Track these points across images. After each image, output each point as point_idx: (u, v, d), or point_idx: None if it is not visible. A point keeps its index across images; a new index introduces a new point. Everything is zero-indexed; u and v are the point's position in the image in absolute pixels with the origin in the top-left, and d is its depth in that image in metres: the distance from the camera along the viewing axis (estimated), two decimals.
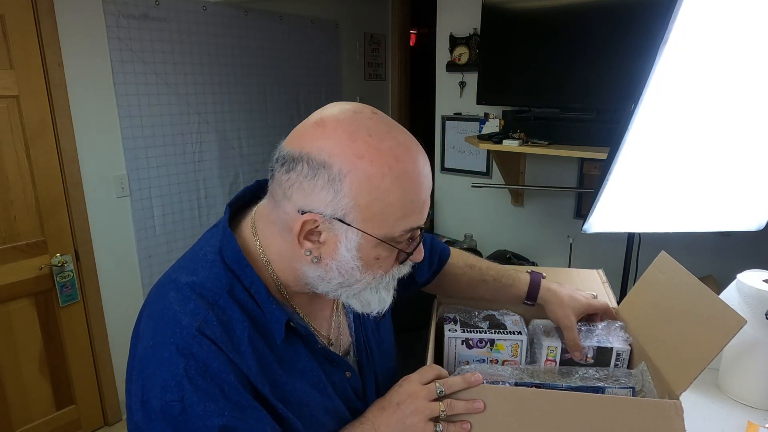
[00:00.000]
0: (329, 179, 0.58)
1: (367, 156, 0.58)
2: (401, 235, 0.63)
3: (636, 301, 0.96)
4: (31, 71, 1.98)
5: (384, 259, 0.65)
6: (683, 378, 0.73)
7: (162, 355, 0.59)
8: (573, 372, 0.86)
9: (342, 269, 0.63)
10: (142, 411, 0.59)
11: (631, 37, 1.82)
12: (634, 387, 0.80)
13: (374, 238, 0.61)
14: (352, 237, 0.61)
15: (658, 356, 0.82)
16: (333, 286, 0.66)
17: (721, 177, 1.17)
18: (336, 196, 0.59)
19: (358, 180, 0.58)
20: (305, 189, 0.60)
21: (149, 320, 0.65)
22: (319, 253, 0.63)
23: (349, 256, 0.62)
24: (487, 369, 0.86)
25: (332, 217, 0.60)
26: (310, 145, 0.60)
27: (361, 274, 0.64)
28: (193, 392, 0.57)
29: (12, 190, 1.98)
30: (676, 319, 0.83)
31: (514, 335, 0.95)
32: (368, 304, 0.69)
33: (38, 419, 2.18)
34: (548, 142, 2.09)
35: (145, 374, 0.60)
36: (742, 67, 0.94)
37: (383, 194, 0.59)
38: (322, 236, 0.62)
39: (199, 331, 0.60)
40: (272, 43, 2.87)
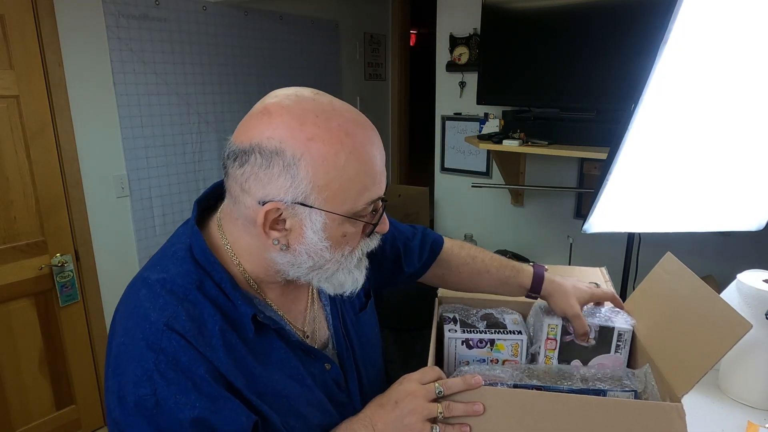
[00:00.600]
0: (284, 165, 0.59)
1: (318, 136, 0.59)
2: (364, 208, 0.64)
3: (640, 302, 0.96)
4: (31, 71, 1.98)
5: (351, 235, 0.65)
6: (686, 381, 0.73)
7: (133, 351, 0.60)
8: (574, 373, 0.85)
9: (311, 252, 0.64)
10: (119, 407, 0.59)
11: (631, 37, 1.82)
12: (637, 390, 0.80)
13: (339, 215, 0.62)
14: (317, 218, 0.62)
15: (660, 358, 0.81)
16: (304, 270, 0.66)
17: (721, 177, 1.17)
18: (294, 181, 0.59)
19: (313, 161, 0.59)
20: (262, 179, 0.60)
21: (122, 318, 0.65)
22: (287, 241, 0.64)
23: (317, 238, 0.63)
24: (487, 370, 0.86)
25: (293, 202, 0.60)
26: (260, 135, 0.60)
27: (331, 254, 0.65)
28: (164, 386, 0.58)
29: (12, 190, 1.98)
30: (680, 321, 0.82)
31: (514, 335, 0.95)
32: (341, 286, 0.69)
33: (38, 419, 2.18)
34: (548, 142, 2.09)
35: (119, 370, 0.60)
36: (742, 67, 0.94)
37: (340, 171, 0.60)
38: (287, 223, 0.62)
39: (167, 326, 0.60)
40: (272, 43, 2.87)
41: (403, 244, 0.96)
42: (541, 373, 0.86)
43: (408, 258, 0.97)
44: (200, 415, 0.59)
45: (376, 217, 0.67)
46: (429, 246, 1.00)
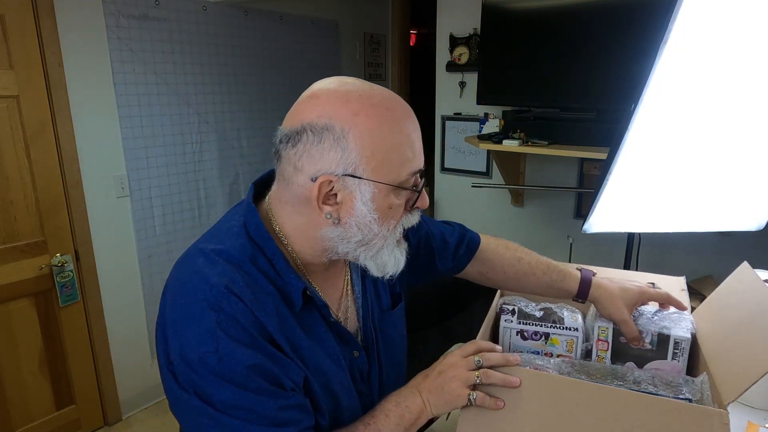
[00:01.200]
0: (334, 139, 0.65)
1: (362, 111, 0.65)
2: (407, 179, 0.69)
3: (710, 309, 0.94)
4: (31, 71, 1.98)
5: (396, 207, 0.70)
6: (733, 389, 0.70)
7: (194, 312, 0.64)
8: (627, 375, 0.83)
9: (360, 224, 0.69)
10: (183, 364, 0.63)
11: (630, 37, 1.82)
12: (692, 398, 0.77)
13: (385, 185, 0.67)
14: (365, 189, 0.67)
15: (716, 366, 0.79)
16: (353, 246, 0.71)
17: (721, 177, 1.17)
18: (344, 153, 0.65)
19: (360, 134, 0.65)
20: (314, 155, 0.66)
21: (177, 284, 0.69)
22: (338, 214, 0.68)
23: (366, 209, 0.68)
24: (534, 359, 0.87)
25: (344, 174, 0.66)
26: (309, 115, 0.66)
27: (378, 227, 0.69)
28: (227, 341, 0.63)
29: (12, 190, 1.98)
30: (744, 332, 0.80)
31: (570, 331, 0.94)
32: (384, 266, 0.73)
33: (38, 419, 2.18)
34: (548, 142, 2.09)
35: (180, 331, 0.64)
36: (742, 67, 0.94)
37: (384, 141, 0.66)
38: (338, 197, 0.67)
39: (227, 288, 0.65)
40: (272, 43, 2.87)
41: (440, 240, 0.99)
42: (592, 370, 0.85)
43: (443, 255, 0.99)
44: (262, 364, 0.64)
45: (418, 192, 0.72)
46: (466, 244, 1.02)
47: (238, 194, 2.83)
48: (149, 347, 2.55)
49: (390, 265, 0.74)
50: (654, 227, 1.37)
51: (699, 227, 1.33)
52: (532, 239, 2.62)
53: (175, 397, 0.65)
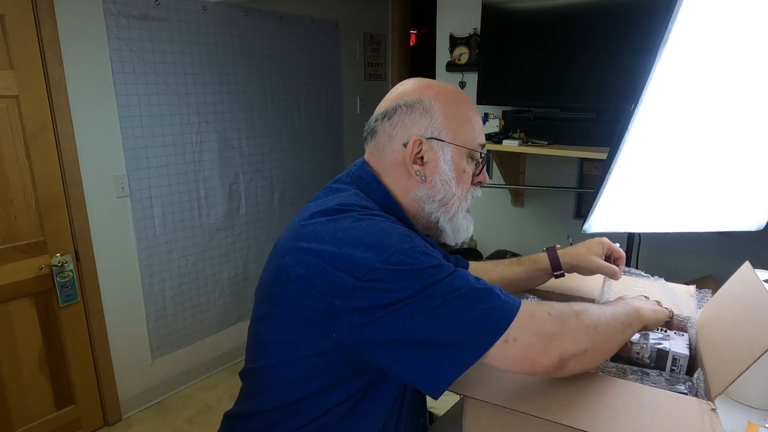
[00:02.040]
0: (423, 109, 0.82)
1: (441, 93, 0.84)
2: (476, 148, 0.85)
3: (712, 309, 0.96)
4: (31, 71, 1.98)
5: (467, 173, 0.85)
6: (720, 383, 0.72)
7: (382, 226, 0.73)
8: (627, 372, 0.85)
9: (443, 181, 0.83)
10: (384, 264, 0.66)
11: (631, 37, 1.82)
12: (688, 393, 0.79)
13: (463, 147, 0.83)
14: (447, 150, 0.83)
15: (709, 362, 0.81)
16: (436, 205, 0.84)
17: (721, 177, 1.17)
18: (431, 120, 0.82)
19: (443, 106, 0.82)
20: (406, 124, 0.82)
21: (338, 232, 0.73)
22: (425, 172, 0.82)
23: (447, 167, 0.83)
24: None
25: (430, 137, 0.82)
26: (401, 96, 0.84)
27: (456, 187, 0.84)
28: (421, 243, 0.71)
29: (12, 190, 1.98)
30: (737, 330, 0.82)
31: None
32: (458, 230, 0.87)
33: (38, 419, 2.18)
34: (548, 142, 2.09)
35: (379, 241, 0.70)
36: (743, 67, 0.94)
37: (461, 113, 0.84)
38: (425, 158, 0.82)
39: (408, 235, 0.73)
40: (272, 43, 2.87)
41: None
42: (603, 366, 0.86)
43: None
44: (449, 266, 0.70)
45: (480, 165, 0.87)
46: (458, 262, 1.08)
47: (238, 194, 2.83)
48: (149, 347, 2.55)
49: (463, 230, 0.87)
50: (654, 227, 1.37)
51: (699, 227, 1.33)
52: (532, 239, 2.62)
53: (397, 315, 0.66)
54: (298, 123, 3.09)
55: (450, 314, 0.66)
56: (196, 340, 2.76)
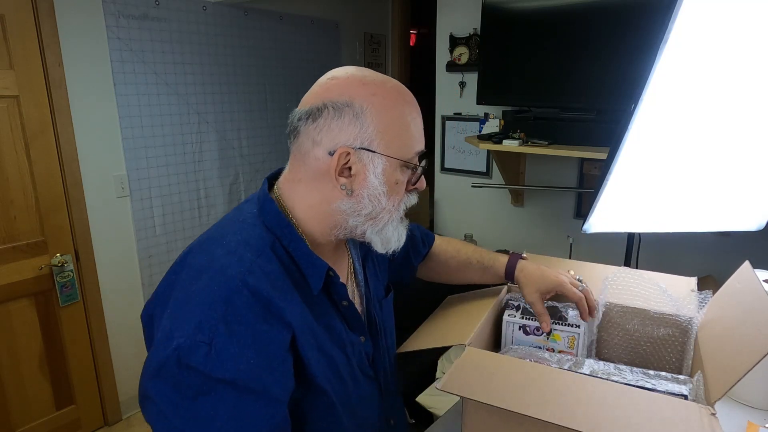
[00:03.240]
0: (354, 115, 0.70)
1: (379, 93, 0.72)
2: (413, 157, 0.75)
3: (712, 310, 0.95)
4: (31, 71, 1.98)
5: (400, 184, 0.76)
6: (720, 387, 0.72)
7: (204, 300, 0.63)
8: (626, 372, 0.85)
9: (371, 196, 0.73)
10: (164, 345, 0.61)
11: (631, 37, 1.82)
12: (687, 396, 0.78)
13: (395, 159, 0.73)
14: (378, 162, 0.72)
15: (709, 364, 0.80)
16: (362, 219, 0.75)
17: (721, 177, 1.17)
18: (361, 128, 0.71)
19: (377, 111, 0.71)
20: (333, 129, 0.71)
21: (191, 271, 0.68)
22: (352, 186, 0.73)
23: (377, 181, 0.73)
24: (536, 352, 0.89)
25: (360, 147, 0.71)
26: (330, 94, 0.72)
27: (386, 201, 0.74)
28: (226, 337, 0.61)
29: (12, 190, 1.98)
30: (737, 330, 0.81)
31: (572, 327, 0.97)
32: (388, 241, 0.78)
33: (38, 419, 2.18)
34: (548, 142, 2.09)
35: (181, 314, 0.63)
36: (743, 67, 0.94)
37: (396, 120, 0.73)
38: (353, 169, 0.72)
39: (243, 282, 0.65)
40: (272, 43, 2.87)
41: (409, 237, 1.00)
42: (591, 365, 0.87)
43: (415, 250, 1.06)
44: (251, 369, 0.62)
45: (417, 173, 0.78)
46: (425, 240, 1.10)
47: (238, 194, 2.83)
48: None
49: (393, 241, 0.78)
50: (654, 227, 1.37)
51: (699, 227, 1.33)
52: (532, 239, 2.62)
53: (144, 385, 0.63)
54: None
55: None
56: None
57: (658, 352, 0.99)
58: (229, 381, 0.61)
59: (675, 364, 0.98)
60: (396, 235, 0.78)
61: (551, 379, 0.74)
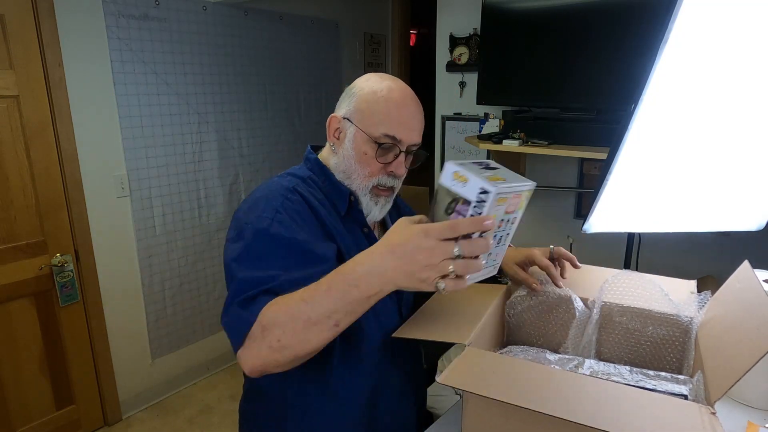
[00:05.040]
0: (349, 94, 0.98)
1: (373, 83, 0.96)
2: (380, 137, 0.93)
3: (711, 310, 0.95)
4: (31, 71, 1.98)
5: (369, 157, 0.94)
6: (720, 387, 0.71)
7: (268, 195, 0.91)
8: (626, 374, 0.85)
9: (345, 156, 0.97)
10: (245, 218, 0.88)
11: (630, 37, 1.82)
12: (687, 396, 0.78)
13: (363, 133, 0.94)
14: (351, 131, 0.96)
15: (708, 365, 0.80)
16: (342, 175, 0.98)
17: (721, 177, 1.17)
18: (349, 104, 0.97)
19: (363, 94, 0.96)
20: (340, 103, 1.00)
21: (257, 191, 0.94)
22: (337, 145, 0.99)
23: (349, 146, 0.96)
24: (537, 354, 0.89)
25: (343, 117, 0.97)
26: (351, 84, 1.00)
27: (355, 165, 0.96)
28: (283, 217, 0.87)
29: (12, 190, 1.98)
30: (736, 330, 0.81)
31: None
32: (367, 209, 0.99)
33: (38, 419, 2.18)
34: (548, 142, 2.08)
35: (253, 208, 0.89)
36: (743, 67, 0.94)
37: (374, 105, 0.94)
38: (340, 134, 0.98)
39: (294, 188, 0.93)
40: (272, 43, 2.87)
41: None
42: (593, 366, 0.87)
43: None
44: (302, 242, 0.85)
45: (391, 157, 0.95)
46: None
47: (238, 194, 2.83)
48: (149, 347, 2.55)
49: (367, 209, 0.99)
50: (654, 227, 1.37)
51: (699, 227, 1.33)
52: (532, 239, 2.62)
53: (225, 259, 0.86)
54: (298, 123, 3.09)
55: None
56: (196, 340, 2.76)
57: (658, 352, 0.99)
58: (283, 236, 0.84)
59: (675, 364, 0.98)
60: (369, 207, 0.98)
61: (552, 378, 0.74)
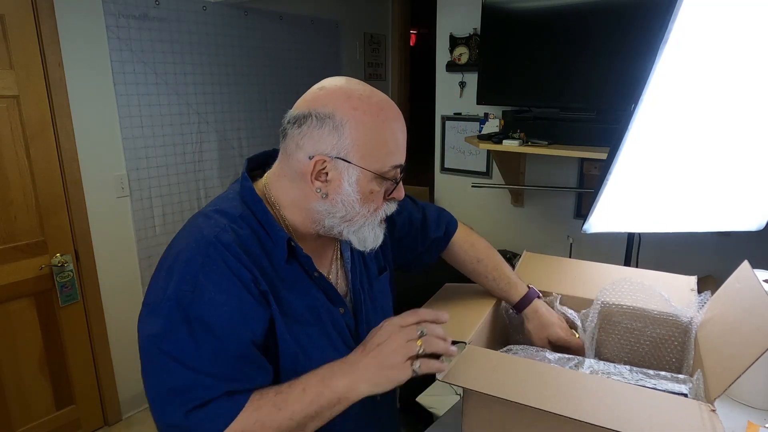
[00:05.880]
0: (333, 126, 0.75)
1: (361, 108, 0.75)
2: (389, 170, 0.78)
3: (711, 309, 0.95)
4: (31, 71, 1.98)
5: (376, 193, 0.79)
6: (719, 385, 0.72)
7: (185, 257, 0.73)
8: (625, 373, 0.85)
9: (345, 202, 0.78)
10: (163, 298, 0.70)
11: (630, 37, 1.82)
12: (687, 394, 0.78)
13: (369, 172, 0.77)
14: (353, 173, 0.77)
15: (709, 363, 0.80)
16: (337, 220, 0.80)
17: (721, 177, 1.17)
18: (339, 140, 0.75)
19: (356, 125, 0.75)
20: (314, 137, 0.76)
21: (178, 240, 0.78)
22: (327, 190, 0.78)
23: (351, 189, 0.77)
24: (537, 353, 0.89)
25: (336, 157, 0.76)
26: (315, 104, 0.76)
27: (360, 207, 0.79)
28: (204, 283, 0.70)
29: (12, 190, 1.98)
30: (736, 330, 0.81)
31: None
32: (364, 241, 0.82)
33: (38, 419, 2.18)
34: (548, 142, 2.09)
35: (171, 272, 0.72)
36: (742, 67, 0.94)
37: (375, 135, 0.76)
38: (329, 176, 0.77)
39: (216, 238, 0.74)
40: (272, 43, 2.87)
41: (421, 221, 1.08)
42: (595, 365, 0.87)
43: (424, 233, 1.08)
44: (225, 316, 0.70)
45: (395, 184, 0.81)
46: (444, 226, 1.10)
47: None
48: None
49: (370, 240, 0.82)
50: (654, 227, 1.37)
51: (699, 227, 1.33)
52: (532, 239, 2.62)
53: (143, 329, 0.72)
54: None
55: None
56: None
57: (658, 352, 0.99)
58: (203, 320, 0.69)
59: (675, 363, 0.98)
60: (372, 235, 0.83)
61: (553, 377, 0.74)
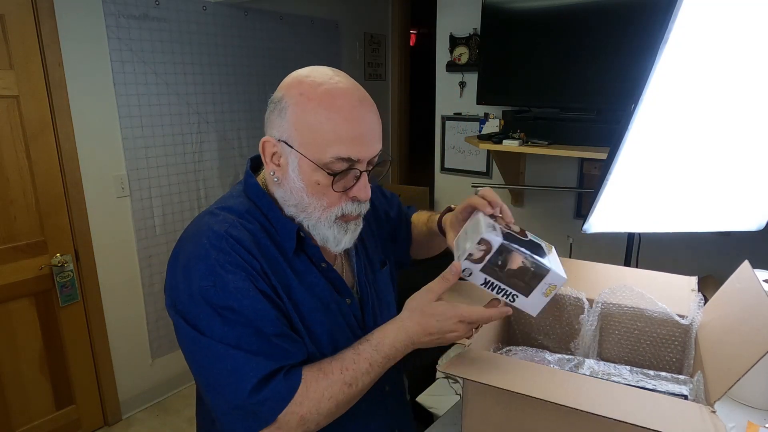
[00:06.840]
0: (279, 110, 0.76)
1: (306, 93, 0.74)
2: (332, 161, 0.74)
3: (711, 310, 0.95)
4: (31, 71, 1.98)
5: (323, 186, 0.76)
6: (719, 387, 0.72)
7: (199, 254, 0.74)
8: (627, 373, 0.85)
9: (293, 189, 0.77)
10: (189, 300, 0.72)
11: (630, 37, 1.82)
12: (688, 396, 0.78)
13: (309, 160, 0.75)
14: (293, 159, 0.76)
15: (708, 365, 0.80)
16: (294, 209, 0.80)
17: (721, 177, 1.17)
18: (282, 123, 0.75)
19: (297, 110, 0.74)
20: (269, 120, 0.78)
21: (188, 237, 0.79)
22: (279, 175, 0.78)
23: (294, 176, 0.76)
24: (536, 354, 0.89)
25: (279, 139, 0.76)
26: (277, 91, 0.79)
27: (309, 198, 0.77)
28: (224, 276, 0.72)
29: (12, 190, 1.98)
30: (736, 330, 0.81)
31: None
32: (326, 240, 0.80)
33: (38, 419, 2.18)
34: (548, 142, 2.09)
35: (189, 272, 0.74)
36: (742, 67, 0.94)
37: (315, 123, 0.73)
38: (281, 160, 0.77)
39: (227, 233, 0.74)
40: (272, 43, 2.87)
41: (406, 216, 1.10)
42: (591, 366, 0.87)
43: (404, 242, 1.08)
44: (252, 299, 0.72)
45: (351, 180, 0.77)
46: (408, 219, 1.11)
47: None
48: (149, 347, 2.55)
49: (330, 240, 0.80)
50: (654, 227, 1.37)
51: (699, 227, 1.33)
52: None
53: (181, 334, 0.74)
54: None
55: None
56: None
57: (658, 352, 0.99)
58: (233, 308, 0.71)
59: (675, 364, 0.98)
60: (332, 236, 0.80)
61: (552, 378, 0.74)
